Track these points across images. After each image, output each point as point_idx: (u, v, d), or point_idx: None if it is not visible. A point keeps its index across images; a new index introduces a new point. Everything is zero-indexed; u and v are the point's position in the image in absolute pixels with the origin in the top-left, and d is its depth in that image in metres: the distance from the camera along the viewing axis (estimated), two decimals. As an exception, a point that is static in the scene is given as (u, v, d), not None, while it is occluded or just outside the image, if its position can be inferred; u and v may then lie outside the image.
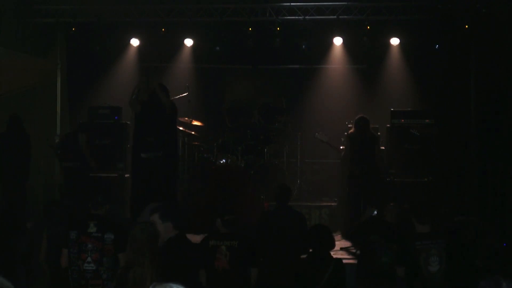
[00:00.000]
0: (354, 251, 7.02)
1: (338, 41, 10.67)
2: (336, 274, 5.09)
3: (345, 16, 9.90)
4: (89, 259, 5.17)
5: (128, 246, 4.23)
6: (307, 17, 9.94)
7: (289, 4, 9.97)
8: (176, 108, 8.10)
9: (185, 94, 9.98)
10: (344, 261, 5.56)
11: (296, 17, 10.00)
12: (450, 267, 5.06)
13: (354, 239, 7.32)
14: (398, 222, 6.02)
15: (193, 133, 10.12)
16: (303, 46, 10.34)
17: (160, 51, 10.90)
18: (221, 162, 9.21)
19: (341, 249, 7.24)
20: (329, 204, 9.40)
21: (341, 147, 9.50)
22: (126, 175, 9.85)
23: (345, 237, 8.04)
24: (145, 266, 4.04)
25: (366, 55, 10.85)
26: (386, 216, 6.13)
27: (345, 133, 9.67)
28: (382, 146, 9.86)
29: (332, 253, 5.43)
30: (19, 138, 8.78)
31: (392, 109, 9.87)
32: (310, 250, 5.37)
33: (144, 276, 3.98)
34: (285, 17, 10.04)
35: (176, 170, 8.38)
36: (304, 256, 5.78)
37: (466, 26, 9.64)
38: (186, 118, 9.88)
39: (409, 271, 5.18)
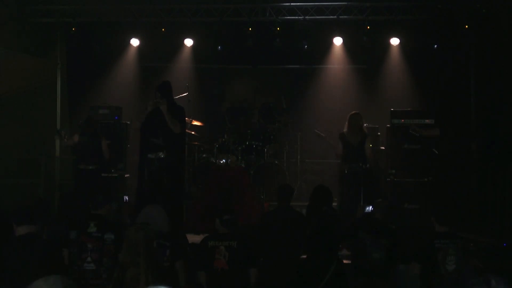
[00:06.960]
0: None
1: (338, 41, 10.67)
2: (337, 275, 5.08)
3: (345, 16, 9.89)
4: (89, 259, 5.15)
5: (123, 247, 4.21)
6: (307, 17, 9.94)
7: (289, 4, 9.96)
8: (184, 111, 7.96)
9: (185, 94, 9.98)
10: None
11: (296, 17, 10.00)
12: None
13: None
14: (386, 218, 6.03)
15: (193, 133, 10.12)
16: (303, 46, 10.33)
17: (160, 51, 10.89)
18: (221, 162, 9.22)
19: None
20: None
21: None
22: (126, 175, 9.85)
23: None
24: (140, 267, 4.03)
25: (366, 55, 10.84)
26: (375, 212, 6.14)
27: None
28: (382, 146, 9.87)
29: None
30: None
31: (392, 109, 9.86)
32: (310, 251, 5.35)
33: (138, 277, 3.97)
34: (285, 17, 10.03)
35: (182, 172, 8.31)
36: (304, 256, 5.78)
37: (466, 26, 9.63)
38: (186, 118, 9.88)
39: (425, 268, 5.20)
